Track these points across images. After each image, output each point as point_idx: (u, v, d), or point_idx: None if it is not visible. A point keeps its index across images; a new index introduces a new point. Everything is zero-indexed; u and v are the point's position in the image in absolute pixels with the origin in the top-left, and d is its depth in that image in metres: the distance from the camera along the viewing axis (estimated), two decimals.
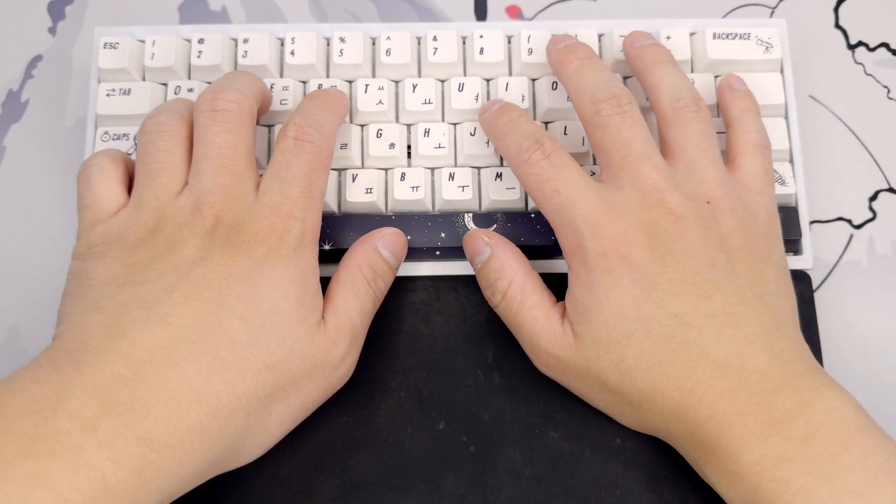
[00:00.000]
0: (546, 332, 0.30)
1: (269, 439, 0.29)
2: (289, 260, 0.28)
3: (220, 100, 0.30)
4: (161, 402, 0.25)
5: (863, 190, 0.39)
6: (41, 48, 0.41)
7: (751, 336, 0.27)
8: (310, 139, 0.30)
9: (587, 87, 0.31)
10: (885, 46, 0.41)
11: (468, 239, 0.33)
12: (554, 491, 0.33)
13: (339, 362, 0.30)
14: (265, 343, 0.27)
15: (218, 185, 0.29)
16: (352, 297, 0.30)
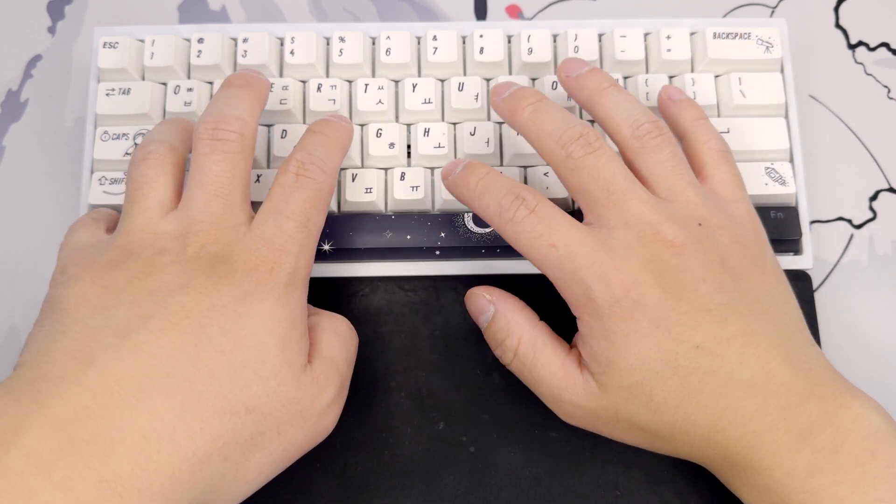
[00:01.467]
0: (567, 385, 0.29)
1: (246, 489, 0.27)
2: (278, 296, 0.26)
3: (222, 129, 0.29)
4: (128, 439, 0.23)
5: (863, 190, 0.39)
6: (41, 48, 0.41)
7: (770, 351, 0.27)
8: (311, 175, 0.29)
9: (549, 131, 0.29)
10: (886, 46, 0.41)
11: (469, 297, 0.31)
12: (554, 491, 0.33)
13: (326, 410, 0.28)
14: (246, 382, 0.25)
15: (209, 213, 0.27)
16: (337, 344, 0.29)
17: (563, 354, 0.29)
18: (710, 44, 0.36)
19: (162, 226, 0.28)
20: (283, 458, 0.27)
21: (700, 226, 0.28)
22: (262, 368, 0.26)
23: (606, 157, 0.29)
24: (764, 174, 0.35)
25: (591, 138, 0.29)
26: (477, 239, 0.34)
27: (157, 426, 0.23)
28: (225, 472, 0.25)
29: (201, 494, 0.24)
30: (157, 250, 0.27)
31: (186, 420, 0.24)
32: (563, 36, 0.37)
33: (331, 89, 0.36)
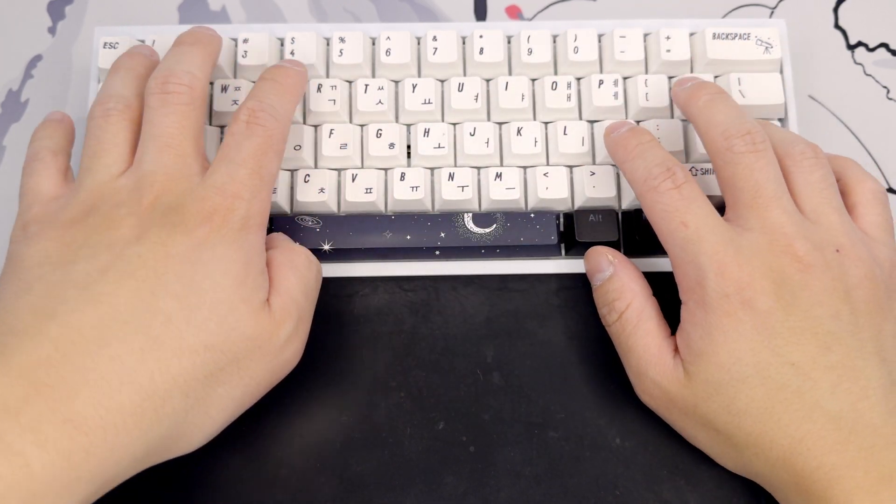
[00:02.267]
0: (657, 362, 0.29)
1: (212, 425, 0.28)
2: (231, 240, 0.27)
3: (171, 82, 0.30)
4: (90, 382, 0.24)
5: None
6: (41, 48, 0.41)
7: (867, 391, 0.27)
8: (262, 123, 0.29)
9: (719, 121, 0.30)
10: (885, 47, 0.41)
11: (591, 255, 0.33)
12: (553, 491, 0.33)
13: (285, 344, 0.29)
14: (203, 322, 0.26)
15: (161, 165, 0.28)
16: (292, 278, 0.30)
17: (663, 334, 0.30)
18: (709, 44, 0.36)
19: (120, 181, 0.29)
20: (245, 392, 0.28)
21: (837, 252, 0.28)
22: (218, 308, 0.27)
23: (766, 160, 0.29)
24: None
25: (756, 138, 0.29)
26: (477, 239, 0.34)
27: (118, 369, 0.24)
28: (188, 408, 0.26)
29: (167, 429, 0.26)
30: (115, 204, 0.28)
31: (145, 361, 0.25)
32: (562, 36, 0.37)
33: (331, 90, 0.36)
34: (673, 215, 0.29)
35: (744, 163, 0.29)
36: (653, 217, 0.30)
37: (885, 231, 0.30)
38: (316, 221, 0.34)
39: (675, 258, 0.29)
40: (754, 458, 0.28)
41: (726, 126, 0.30)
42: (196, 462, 0.32)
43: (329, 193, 0.34)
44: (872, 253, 0.29)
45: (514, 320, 0.34)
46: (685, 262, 0.28)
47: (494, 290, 0.35)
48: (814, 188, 0.29)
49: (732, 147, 0.29)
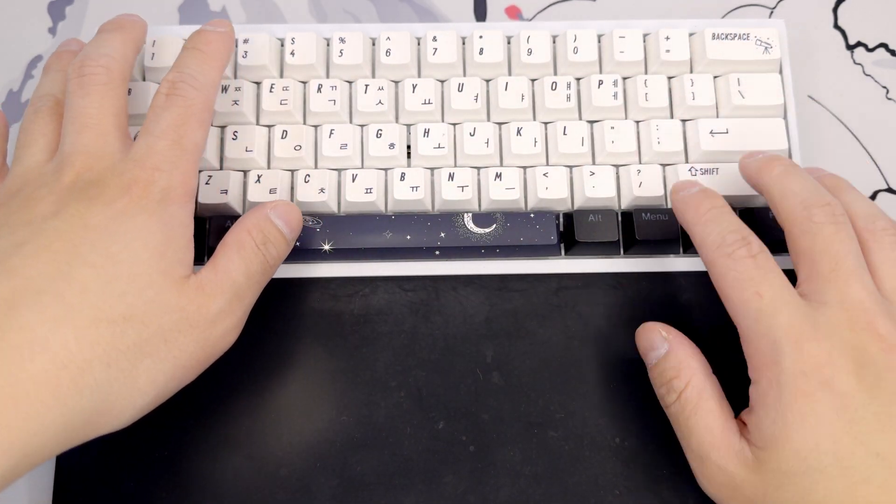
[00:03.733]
0: (721, 445, 0.27)
1: (142, 398, 0.27)
2: (151, 211, 0.27)
3: (87, 66, 0.30)
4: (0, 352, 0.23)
5: (862, 190, 0.38)
6: (41, 48, 0.41)
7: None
8: (181, 93, 0.29)
9: (797, 191, 0.29)
10: (884, 47, 0.41)
11: (642, 332, 0.31)
12: (553, 490, 0.33)
13: (216, 318, 0.28)
14: (121, 293, 0.26)
15: (80, 145, 0.28)
16: (235, 258, 0.29)
17: (726, 414, 0.28)
18: (708, 45, 0.36)
19: (45, 166, 0.29)
20: (175, 366, 0.27)
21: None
22: (136, 279, 0.26)
23: (846, 233, 0.28)
24: None
25: (836, 210, 0.28)
26: (477, 239, 0.34)
27: (29, 337, 0.24)
28: (111, 379, 0.25)
29: (90, 401, 0.25)
30: (37, 186, 0.28)
31: (59, 330, 0.24)
32: (562, 37, 0.37)
33: (331, 90, 0.36)
34: (747, 284, 0.27)
35: (823, 234, 0.28)
36: (723, 284, 0.28)
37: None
38: (316, 221, 0.34)
39: (747, 331, 0.27)
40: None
41: (805, 196, 0.29)
42: (196, 462, 0.33)
43: (329, 193, 0.35)
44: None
45: (514, 320, 0.34)
46: (758, 336, 0.27)
47: (494, 290, 0.35)
48: (894, 265, 0.28)
49: (812, 217, 0.28)
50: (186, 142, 0.29)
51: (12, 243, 0.26)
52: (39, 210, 0.27)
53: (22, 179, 0.29)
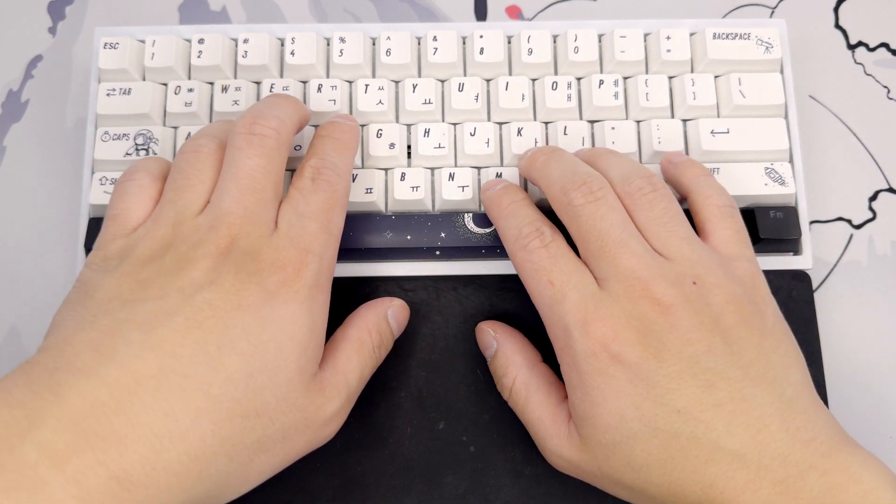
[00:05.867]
0: (552, 434, 0.29)
1: (246, 487, 0.27)
2: (303, 300, 0.27)
3: (259, 125, 0.29)
4: (141, 437, 0.23)
5: (862, 190, 0.39)
6: (41, 48, 0.41)
7: (763, 419, 0.25)
8: (327, 178, 0.29)
9: (556, 177, 0.30)
10: (885, 46, 0.41)
11: (477, 332, 0.33)
12: (554, 490, 0.33)
13: (329, 420, 0.28)
14: (261, 387, 0.25)
15: (241, 206, 0.27)
16: (356, 360, 0.29)
17: (555, 402, 0.30)
18: (709, 44, 0.36)
19: (199, 219, 0.28)
20: (284, 460, 0.28)
21: (694, 284, 0.27)
22: (277, 374, 0.26)
23: (607, 206, 0.28)
24: (763, 174, 0.35)
25: (593, 186, 0.29)
26: (477, 239, 0.34)
27: (171, 427, 0.23)
28: (230, 472, 0.25)
29: (206, 490, 0.25)
30: (192, 244, 0.27)
31: (200, 422, 0.24)
32: (562, 36, 0.37)
33: (331, 90, 0.36)
34: (540, 274, 0.28)
35: (585, 214, 0.28)
36: (523, 276, 0.29)
37: (737, 244, 0.29)
38: None
39: (545, 319, 0.29)
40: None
41: (563, 182, 0.29)
42: None
43: None
44: (730, 272, 0.28)
45: (515, 320, 0.34)
46: (553, 323, 0.28)
47: (495, 291, 0.35)
48: (657, 223, 0.28)
49: (572, 201, 0.29)
50: (333, 227, 0.29)
51: (163, 310, 0.25)
52: (194, 276, 0.26)
53: (174, 230, 0.27)
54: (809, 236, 0.35)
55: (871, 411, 0.35)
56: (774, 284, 0.35)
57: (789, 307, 0.35)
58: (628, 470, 0.27)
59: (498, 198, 0.32)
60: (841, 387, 0.35)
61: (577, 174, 0.29)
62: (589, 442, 0.27)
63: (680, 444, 0.26)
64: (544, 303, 0.28)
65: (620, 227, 0.28)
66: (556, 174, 0.30)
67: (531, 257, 0.29)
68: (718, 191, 0.31)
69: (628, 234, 0.28)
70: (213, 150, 0.29)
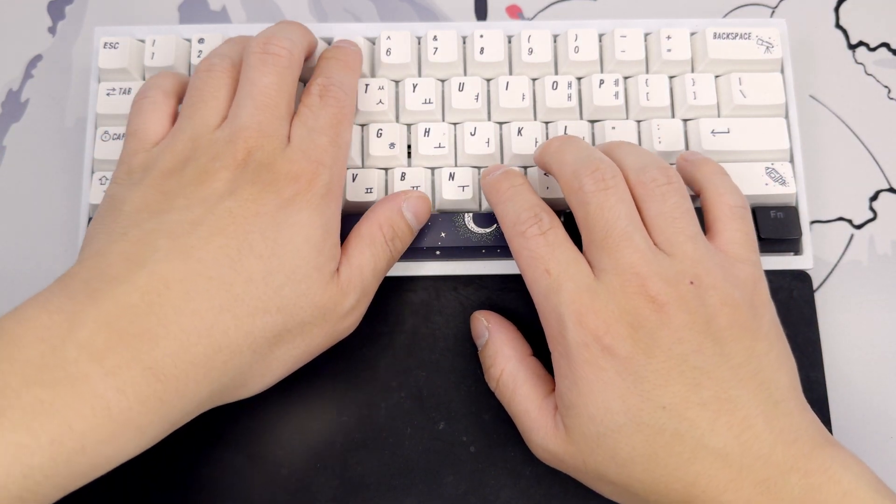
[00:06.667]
0: (538, 426, 0.29)
1: (270, 377, 0.29)
2: (315, 206, 0.28)
3: (273, 44, 0.30)
4: (171, 334, 0.25)
5: (863, 190, 0.39)
6: (41, 48, 0.41)
7: (748, 420, 0.26)
8: (334, 94, 0.31)
9: (569, 162, 0.30)
10: (886, 46, 0.41)
11: (472, 321, 0.34)
12: (554, 491, 0.33)
13: (347, 313, 0.30)
14: (280, 285, 0.27)
15: (256, 122, 0.29)
16: (367, 253, 0.30)
17: (542, 394, 0.30)
18: (710, 44, 0.36)
19: (216, 133, 0.29)
20: (304, 352, 0.29)
21: (692, 284, 0.27)
22: (295, 273, 0.28)
23: (616, 197, 0.28)
24: (764, 174, 0.35)
25: (606, 174, 0.29)
26: (477, 239, 0.34)
27: (198, 323, 0.26)
28: (253, 363, 0.27)
29: (231, 379, 0.27)
30: (211, 156, 0.28)
31: (223, 318, 0.26)
32: (563, 36, 0.37)
33: None
34: (538, 262, 0.28)
35: (594, 202, 0.28)
36: (520, 263, 0.29)
37: (744, 247, 0.29)
38: None
39: (539, 307, 0.29)
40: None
41: (576, 166, 0.29)
42: (196, 461, 0.33)
43: None
44: (731, 274, 0.28)
45: (515, 320, 0.34)
46: (547, 312, 0.28)
47: (495, 291, 0.35)
48: (666, 218, 0.28)
49: (583, 186, 0.29)
50: (341, 141, 0.31)
51: (189, 219, 0.27)
52: (215, 187, 0.28)
53: (194, 144, 0.29)
54: (810, 236, 0.35)
55: (871, 411, 0.35)
56: (775, 284, 0.35)
57: (790, 307, 0.35)
58: (612, 464, 0.27)
59: (498, 182, 0.32)
60: (841, 387, 0.35)
61: (590, 160, 0.29)
62: (574, 433, 0.28)
63: (664, 440, 0.26)
64: (540, 291, 0.28)
65: (627, 220, 0.28)
66: (569, 158, 0.30)
67: (528, 244, 0.29)
68: (732, 190, 0.31)
69: (633, 227, 0.28)
70: (225, 68, 0.31)
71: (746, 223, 0.30)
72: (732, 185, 0.31)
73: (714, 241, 0.30)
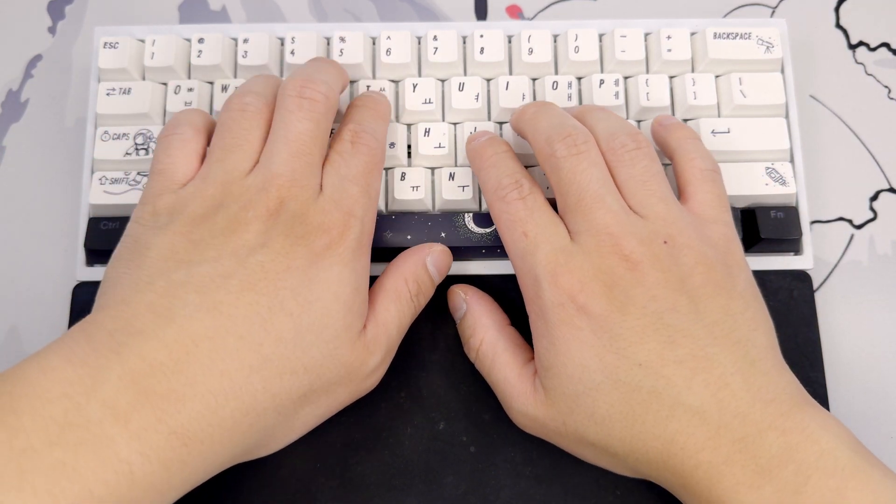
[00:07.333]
0: (518, 392, 0.29)
1: (292, 436, 0.29)
2: (347, 261, 0.28)
3: (309, 88, 0.29)
4: (198, 395, 0.24)
5: (863, 190, 0.39)
6: (41, 48, 0.41)
7: (724, 378, 0.26)
8: (365, 142, 0.30)
9: (543, 128, 0.30)
10: (886, 46, 0.41)
11: (448, 294, 0.34)
12: (554, 490, 0.33)
13: (371, 372, 0.29)
14: (309, 345, 0.26)
15: (289, 169, 0.28)
16: (393, 310, 0.30)
17: (521, 362, 0.30)
18: (710, 44, 0.36)
19: (248, 179, 0.28)
20: (327, 411, 0.29)
21: (665, 244, 0.27)
22: (324, 332, 0.27)
23: (588, 161, 0.29)
24: (764, 174, 0.35)
25: (578, 139, 0.29)
26: (477, 239, 0.34)
27: (226, 385, 0.25)
28: (277, 424, 0.27)
29: (255, 441, 0.26)
30: (242, 205, 0.27)
31: (252, 380, 0.25)
32: (563, 36, 0.37)
33: None
34: (516, 225, 0.29)
35: (566, 167, 0.29)
36: (499, 227, 0.30)
37: (716, 208, 0.30)
38: None
39: (517, 269, 0.29)
40: (637, 465, 0.27)
41: (549, 132, 0.30)
42: None
43: None
44: (704, 234, 0.28)
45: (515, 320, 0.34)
46: (524, 274, 0.29)
47: (495, 290, 0.35)
48: (637, 181, 0.29)
49: (555, 152, 0.29)
50: (372, 190, 0.30)
51: (219, 272, 0.26)
52: (246, 238, 0.27)
53: (226, 190, 0.28)
54: (810, 236, 0.35)
55: (872, 411, 0.35)
56: (775, 284, 0.35)
57: (790, 307, 0.35)
58: (591, 423, 0.27)
59: (482, 148, 0.32)
60: (841, 387, 0.35)
61: (563, 126, 0.30)
62: (553, 394, 0.28)
63: (641, 398, 0.26)
64: (517, 254, 0.29)
65: (599, 183, 0.29)
66: (543, 125, 0.31)
67: (508, 208, 0.29)
68: (703, 154, 0.31)
69: (606, 189, 0.28)
70: (259, 108, 0.30)
71: (718, 185, 0.31)
72: (703, 150, 0.32)
73: (686, 204, 0.30)
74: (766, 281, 0.35)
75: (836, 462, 0.24)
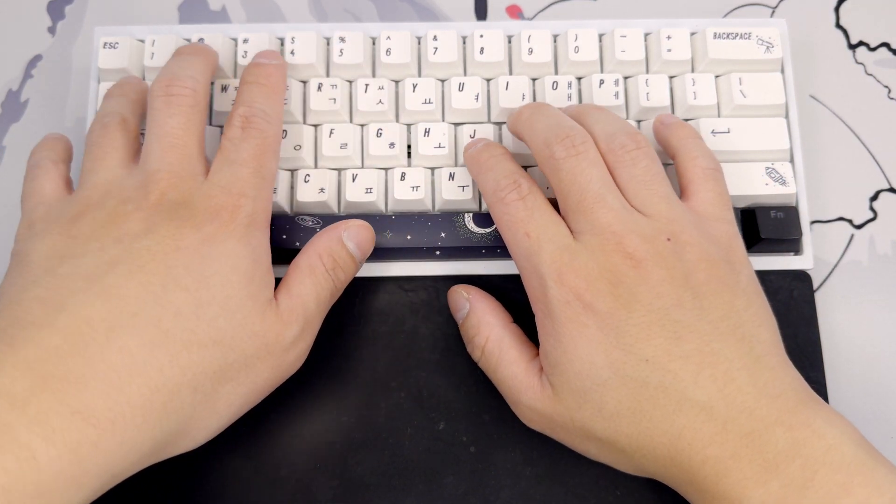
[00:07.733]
0: (525, 388, 0.29)
1: (218, 421, 0.28)
2: (240, 236, 0.28)
3: (175, 86, 0.30)
4: (99, 374, 0.23)
5: (863, 190, 0.39)
6: (41, 48, 0.41)
7: (730, 373, 0.26)
8: (256, 126, 0.30)
9: (540, 130, 0.30)
10: (886, 46, 0.41)
11: (449, 294, 0.34)
12: (554, 491, 0.33)
13: (291, 345, 0.29)
14: (213, 317, 0.26)
15: (166, 163, 0.28)
16: (308, 283, 0.30)
17: (527, 358, 0.30)
18: (710, 44, 0.36)
19: (124, 179, 0.29)
20: (252, 390, 0.28)
21: (668, 241, 0.28)
22: (227, 303, 0.27)
23: (588, 161, 0.29)
24: (764, 174, 0.35)
25: (576, 140, 0.29)
26: (477, 239, 0.34)
27: (128, 361, 0.24)
28: (196, 403, 0.26)
29: (175, 424, 0.26)
30: (121, 200, 0.28)
31: (155, 354, 0.25)
32: (563, 36, 0.37)
33: (331, 89, 0.36)
34: (517, 225, 0.29)
35: (566, 168, 0.29)
36: (501, 228, 0.30)
37: (718, 206, 0.30)
38: (316, 221, 0.34)
39: (521, 269, 0.29)
40: (643, 461, 0.27)
41: (546, 134, 0.30)
42: (196, 462, 0.32)
43: (329, 193, 0.34)
44: (707, 232, 0.29)
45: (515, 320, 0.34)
46: (529, 273, 0.29)
47: (495, 290, 0.35)
48: (638, 181, 0.29)
49: (554, 154, 0.29)
50: (265, 171, 0.30)
51: (105, 261, 0.26)
52: (129, 227, 0.27)
53: (102, 190, 0.28)
54: (810, 236, 0.35)
55: (872, 411, 0.35)
56: (775, 284, 0.35)
57: (790, 307, 0.35)
58: (599, 418, 0.27)
59: (478, 154, 0.32)
60: (841, 387, 0.35)
61: (560, 127, 0.30)
62: (560, 390, 0.28)
63: (648, 393, 0.26)
64: (521, 254, 0.29)
65: (599, 182, 0.29)
66: (540, 127, 0.31)
67: (508, 209, 0.29)
68: (705, 153, 0.31)
69: (606, 189, 0.29)
70: (118, 122, 0.31)
71: (720, 184, 0.31)
72: (705, 148, 0.32)
73: (688, 203, 0.30)
74: (766, 281, 0.35)
75: (842, 457, 0.25)
